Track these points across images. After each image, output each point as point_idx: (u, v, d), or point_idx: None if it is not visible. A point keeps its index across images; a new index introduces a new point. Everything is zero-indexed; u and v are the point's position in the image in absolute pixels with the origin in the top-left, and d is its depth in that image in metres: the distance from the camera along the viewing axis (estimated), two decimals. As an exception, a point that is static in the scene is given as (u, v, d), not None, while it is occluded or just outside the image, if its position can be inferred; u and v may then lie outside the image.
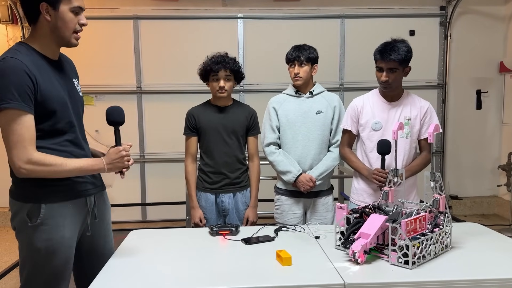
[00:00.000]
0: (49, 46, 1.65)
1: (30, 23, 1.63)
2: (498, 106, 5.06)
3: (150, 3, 4.73)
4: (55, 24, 1.60)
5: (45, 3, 1.57)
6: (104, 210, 1.88)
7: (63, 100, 1.65)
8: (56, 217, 1.63)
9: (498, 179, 5.05)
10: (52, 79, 1.63)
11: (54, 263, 1.65)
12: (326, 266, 1.63)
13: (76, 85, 1.79)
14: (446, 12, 4.91)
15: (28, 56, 1.57)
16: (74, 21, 1.63)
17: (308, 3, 4.83)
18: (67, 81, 1.73)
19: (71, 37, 1.65)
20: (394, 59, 2.22)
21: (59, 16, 1.59)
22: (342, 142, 2.54)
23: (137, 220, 4.84)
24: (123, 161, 1.66)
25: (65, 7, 1.60)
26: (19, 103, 1.49)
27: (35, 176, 1.56)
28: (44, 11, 1.58)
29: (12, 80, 1.49)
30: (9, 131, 1.50)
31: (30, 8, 1.60)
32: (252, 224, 2.57)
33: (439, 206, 1.78)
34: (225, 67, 2.46)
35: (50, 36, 1.63)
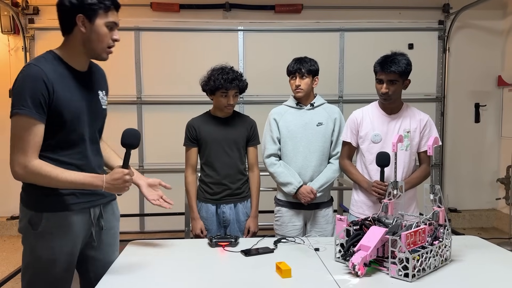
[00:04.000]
0: (78, 57, 1.66)
1: (64, 33, 1.64)
2: (496, 120, 5.09)
3: (152, 15, 4.77)
4: (89, 36, 1.61)
5: (82, 15, 1.58)
6: (112, 220, 1.87)
7: (78, 111, 1.64)
8: (58, 226, 1.63)
9: (497, 192, 5.05)
10: (72, 90, 1.63)
11: (55, 271, 1.66)
12: (326, 278, 1.62)
13: (101, 97, 1.78)
14: (444, 26, 4.96)
15: (51, 65, 1.59)
16: (108, 36, 1.64)
17: (308, 16, 4.88)
18: (90, 93, 1.72)
19: (103, 51, 1.67)
20: (394, 71, 2.24)
21: (93, 29, 1.60)
22: (342, 154, 2.54)
23: (136, 231, 4.82)
24: (124, 185, 1.61)
25: (100, 21, 1.61)
26: (30, 111, 1.51)
27: (29, 182, 1.59)
28: (80, 23, 1.59)
29: (29, 87, 1.53)
30: (16, 136, 1.54)
31: (66, 18, 1.60)
32: (253, 235, 2.56)
33: (438, 219, 1.78)
34: (238, 86, 2.48)
35: (81, 48, 1.64)
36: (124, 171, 1.60)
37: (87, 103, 1.69)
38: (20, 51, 4.70)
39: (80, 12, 1.58)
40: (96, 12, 1.59)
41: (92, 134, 1.75)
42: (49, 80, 1.54)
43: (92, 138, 1.75)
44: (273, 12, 4.83)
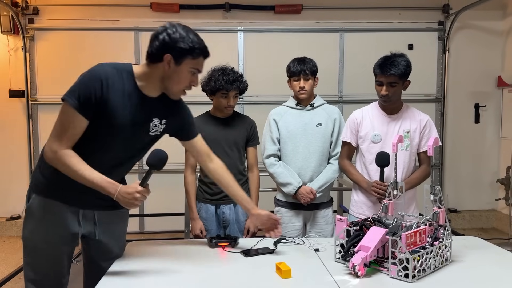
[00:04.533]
0: (151, 86, 1.68)
1: (149, 61, 1.64)
2: (496, 120, 5.09)
3: (151, 15, 4.77)
4: (170, 75, 1.63)
5: (171, 55, 1.59)
6: (108, 231, 1.83)
7: (121, 130, 1.65)
8: (43, 211, 1.69)
9: (496, 193, 5.05)
10: (127, 108, 1.63)
11: (38, 256, 1.72)
12: (326, 279, 1.62)
13: (154, 124, 1.75)
14: (444, 26, 4.96)
15: (120, 78, 1.61)
16: (188, 80, 1.66)
17: (308, 17, 4.88)
18: (144, 118, 1.71)
19: (179, 92, 1.70)
20: (394, 73, 2.24)
21: (177, 71, 1.62)
22: (342, 154, 2.54)
23: (135, 231, 4.81)
24: (132, 202, 1.59)
25: (186, 66, 1.63)
26: (76, 104, 1.55)
27: (54, 166, 1.62)
28: (166, 62, 1.60)
29: (85, 82, 1.57)
30: (59, 121, 1.60)
31: (156, 51, 1.61)
32: (252, 235, 2.56)
33: (439, 219, 1.78)
34: (239, 87, 2.48)
35: (159, 81, 1.66)
36: (138, 188, 1.58)
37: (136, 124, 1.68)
38: (20, 51, 4.70)
39: (169, 52, 1.59)
40: (185, 56, 1.61)
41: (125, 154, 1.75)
42: (107, 83, 1.57)
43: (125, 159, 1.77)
44: (273, 13, 4.83)
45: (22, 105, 4.76)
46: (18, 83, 4.70)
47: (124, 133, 1.67)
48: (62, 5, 4.71)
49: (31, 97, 4.71)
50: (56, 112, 1.61)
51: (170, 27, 1.61)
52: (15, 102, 4.76)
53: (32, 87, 4.72)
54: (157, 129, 1.78)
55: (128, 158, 1.80)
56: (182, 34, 1.60)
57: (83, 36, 4.69)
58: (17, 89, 4.71)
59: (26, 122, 4.75)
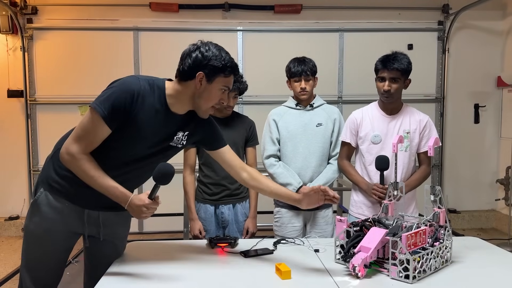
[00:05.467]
0: (180, 104, 1.69)
1: (181, 79, 1.66)
2: (495, 120, 5.09)
3: (151, 15, 4.76)
4: (201, 93, 1.64)
5: (203, 73, 1.61)
6: (112, 232, 1.82)
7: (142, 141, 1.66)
8: (49, 206, 1.70)
9: (496, 193, 5.05)
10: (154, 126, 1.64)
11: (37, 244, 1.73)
12: (326, 280, 1.61)
13: (178, 137, 1.75)
14: (444, 26, 4.96)
15: (153, 91, 1.63)
16: (218, 98, 1.68)
17: (307, 17, 4.87)
18: (168, 132, 1.72)
19: (208, 110, 1.70)
20: (397, 68, 2.24)
21: (208, 89, 1.64)
22: (341, 154, 2.53)
23: (134, 231, 4.80)
24: (139, 214, 1.60)
25: (218, 84, 1.64)
26: (105, 114, 1.55)
27: (69, 168, 1.63)
28: (198, 80, 1.62)
29: (117, 94, 1.58)
30: (83, 125, 1.60)
31: (188, 69, 1.62)
32: (251, 235, 2.55)
33: (439, 220, 1.77)
34: (239, 88, 2.47)
35: (189, 98, 1.67)
36: (146, 203, 1.57)
37: (159, 139, 1.69)
38: (19, 51, 4.69)
39: (202, 70, 1.61)
40: (217, 75, 1.62)
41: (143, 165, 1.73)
42: (139, 99, 1.58)
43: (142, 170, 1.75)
44: (273, 12, 4.83)
45: (20, 105, 4.74)
46: (16, 83, 4.69)
47: (147, 146, 1.69)
48: (61, 5, 4.69)
49: (29, 97, 4.69)
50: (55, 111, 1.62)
51: (203, 45, 1.63)
52: (14, 102, 4.75)
53: (31, 87, 4.70)
54: (178, 141, 1.77)
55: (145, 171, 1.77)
56: (215, 52, 1.62)
57: (82, 36, 4.68)
58: (15, 89, 4.69)
59: (24, 122, 4.74)
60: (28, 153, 4.75)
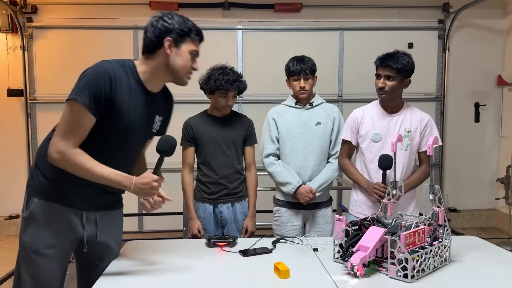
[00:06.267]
0: (156, 78, 1.69)
1: (148, 53, 1.67)
2: (496, 119, 5.08)
3: (150, 14, 4.66)
4: (173, 60, 1.65)
5: (170, 38, 1.62)
6: (108, 232, 1.79)
7: (130, 127, 1.66)
8: (46, 215, 1.64)
9: (496, 192, 5.04)
10: (135, 105, 1.64)
11: (36, 262, 1.65)
12: (324, 279, 1.61)
13: (156, 120, 1.79)
14: (444, 25, 4.95)
15: (125, 72, 1.63)
16: (189, 63, 1.68)
17: (307, 15, 4.86)
18: (148, 114, 1.73)
19: (185, 76, 1.70)
20: (391, 66, 2.23)
21: (178, 54, 1.65)
22: (341, 153, 2.53)
23: (134, 230, 4.80)
24: (150, 191, 1.58)
25: (186, 48, 1.66)
26: (87, 101, 1.52)
27: (61, 167, 1.58)
28: (167, 46, 1.63)
29: (93, 80, 1.55)
30: (65, 120, 1.56)
31: (154, 39, 1.63)
32: (250, 234, 2.55)
33: (438, 219, 1.76)
34: (238, 88, 2.47)
35: (163, 70, 1.67)
36: (154, 177, 1.57)
37: (142, 122, 1.71)
38: (18, 50, 4.69)
39: (169, 36, 1.63)
40: (184, 38, 1.65)
41: (133, 151, 1.77)
42: (115, 80, 1.57)
43: (132, 156, 1.77)
44: (273, 11, 4.82)
45: (20, 104, 4.74)
46: (16, 82, 4.69)
47: (136, 131, 1.69)
48: (61, 4, 4.69)
49: (29, 96, 4.69)
50: (55, 110, 1.60)
51: (165, 15, 1.66)
52: (14, 101, 4.75)
53: (31, 86, 4.70)
54: (156, 126, 1.81)
55: (134, 155, 1.82)
56: (178, 19, 1.66)
57: (81, 34, 4.67)
58: (15, 87, 4.70)
59: (24, 121, 4.74)
60: (28, 152, 4.75)
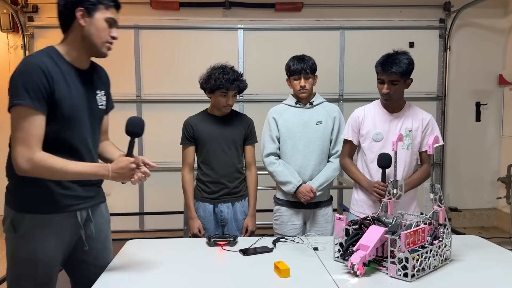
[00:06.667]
0: (78, 54, 1.65)
1: (63, 30, 1.64)
2: (497, 119, 5.07)
3: (151, 13, 4.75)
4: (88, 31, 1.60)
5: (82, 8, 1.57)
6: (101, 223, 1.80)
7: (79, 109, 1.63)
8: (40, 228, 1.60)
9: (497, 191, 5.03)
10: (73, 87, 1.61)
11: (37, 275, 1.62)
12: (324, 278, 1.61)
13: (99, 97, 1.75)
14: (445, 24, 4.94)
15: (52, 59, 1.57)
16: (106, 31, 1.63)
17: (308, 15, 4.86)
18: (89, 92, 1.70)
19: (103, 46, 1.65)
20: (395, 72, 2.22)
21: (93, 23, 1.60)
22: (343, 152, 2.53)
23: (135, 229, 4.80)
24: (130, 173, 1.57)
25: (100, 16, 1.60)
26: (30, 101, 1.48)
27: (35, 175, 1.53)
28: (80, 16, 1.58)
29: (28, 78, 1.49)
30: (17, 128, 1.50)
31: (66, 12, 1.59)
32: (251, 234, 2.55)
33: (438, 218, 1.76)
34: (239, 87, 2.47)
35: (81, 44, 1.62)
36: (130, 159, 1.56)
37: (87, 102, 1.67)
38: (20, 49, 4.69)
39: (80, 6, 1.57)
40: (97, 6, 1.59)
41: (93, 134, 1.71)
42: (49, 72, 1.53)
43: (92, 138, 1.71)
44: (273, 10, 4.81)
45: (22, 103, 4.75)
46: (17, 81, 4.70)
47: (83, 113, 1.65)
48: (62, 3, 4.70)
49: (30, 95, 4.70)
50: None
51: None
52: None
53: (32, 85, 4.70)
54: (101, 102, 1.77)
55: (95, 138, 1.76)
56: None
57: (82, 34, 4.68)
58: (16, 87, 4.71)
59: (26, 120, 4.74)
60: (29, 151, 4.75)
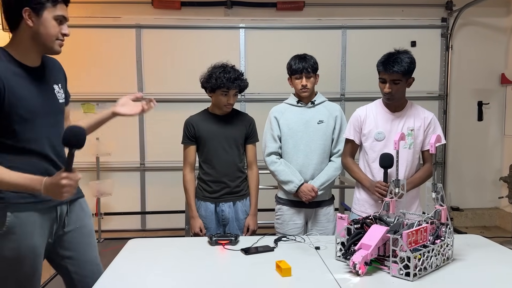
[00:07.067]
0: (28, 53, 1.61)
1: (11, 29, 1.59)
2: (499, 118, 5.06)
3: (153, 12, 4.76)
4: (37, 30, 1.57)
5: (28, 8, 1.53)
6: (83, 218, 1.82)
7: (35, 109, 1.60)
8: (23, 225, 1.60)
9: (499, 191, 5.02)
10: (26, 87, 1.59)
11: (21, 272, 1.63)
12: (326, 277, 1.61)
13: (57, 91, 1.72)
14: (447, 23, 4.93)
15: (2, 62, 1.55)
16: (56, 29, 1.60)
17: (310, 14, 4.86)
18: (45, 88, 1.68)
19: (54, 43, 1.62)
20: (397, 71, 2.21)
21: (41, 23, 1.56)
22: (345, 151, 2.52)
23: (137, 228, 4.81)
24: (60, 189, 1.46)
25: (49, 15, 1.57)
26: None
27: None
28: (27, 17, 1.54)
29: None
30: None
31: (12, 12, 1.56)
32: (252, 233, 2.55)
33: (440, 218, 1.76)
34: (239, 86, 2.47)
35: (30, 43, 1.59)
36: (62, 174, 1.46)
37: (43, 100, 1.65)
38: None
39: (26, 6, 1.53)
40: (44, 5, 1.55)
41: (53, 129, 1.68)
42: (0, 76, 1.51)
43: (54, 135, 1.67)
44: (275, 10, 4.82)
45: (23, 103, 4.75)
46: (19, 81, 4.70)
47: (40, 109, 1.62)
48: (64, 2, 4.70)
49: (32, 95, 4.70)
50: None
51: None
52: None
53: (34, 85, 4.70)
54: (60, 95, 1.74)
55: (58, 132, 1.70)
56: None
57: (84, 33, 4.67)
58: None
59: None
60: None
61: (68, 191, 1.48)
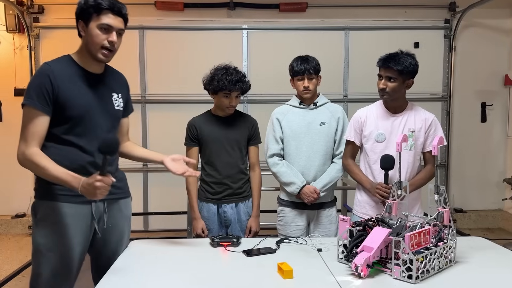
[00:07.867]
0: (87, 60, 1.79)
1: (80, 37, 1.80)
2: (503, 119, 5.04)
3: (156, 14, 4.77)
4: (86, 39, 1.75)
5: (81, 20, 1.74)
6: (117, 218, 1.93)
7: (85, 108, 1.75)
8: (56, 215, 1.73)
9: (503, 192, 5.01)
10: (81, 88, 1.76)
11: (53, 261, 1.73)
12: (328, 279, 1.61)
13: (115, 99, 1.89)
14: (450, 25, 4.92)
15: (62, 65, 1.75)
16: (100, 37, 1.73)
17: (312, 15, 4.86)
18: (102, 94, 1.84)
19: (98, 52, 1.75)
20: (392, 67, 2.21)
21: (88, 33, 1.73)
22: (345, 153, 2.52)
23: (139, 229, 4.82)
24: (94, 191, 1.59)
25: (93, 24, 1.72)
26: (33, 102, 1.68)
27: (26, 168, 1.71)
28: (81, 28, 1.76)
29: (35, 82, 1.71)
30: (23, 124, 1.72)
31: (76, 24, 1.77)
32: (254, 234, 2.55)
33: (443, 220, 1.75)
34: (241, 88, 2.47)
35: (85, 51, 1.78)
36: (97, 177, 1.58)
37: (99, 103, 1.80)
38: (25, 50, 4.71)
39: (80, 19, 1.74)
40: (90, 16, 1.72)
41: (109, 132, 1.84)
42: (55, 76, 1.69)
43: None
44: (278, 11, 4.82)
45: (27, 104, 4.77)
46: (23, 82, 4.69)
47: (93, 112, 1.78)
48: (67, 4, 4.69)
49: (36, 96, 4.71)
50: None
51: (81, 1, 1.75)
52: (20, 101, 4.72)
53: (37, 86, 4.72)
54: (118, 103, 1.90)
55: None
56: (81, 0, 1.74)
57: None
58: (22, 87, 4.71)
59: (31, 121, 4.76)
60: (34, 151, 4.77)
61: (101, 193, 1.60)
